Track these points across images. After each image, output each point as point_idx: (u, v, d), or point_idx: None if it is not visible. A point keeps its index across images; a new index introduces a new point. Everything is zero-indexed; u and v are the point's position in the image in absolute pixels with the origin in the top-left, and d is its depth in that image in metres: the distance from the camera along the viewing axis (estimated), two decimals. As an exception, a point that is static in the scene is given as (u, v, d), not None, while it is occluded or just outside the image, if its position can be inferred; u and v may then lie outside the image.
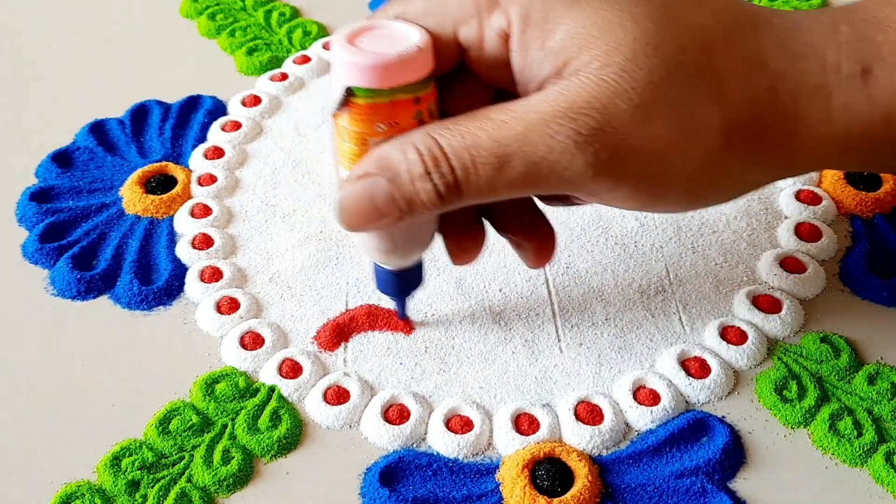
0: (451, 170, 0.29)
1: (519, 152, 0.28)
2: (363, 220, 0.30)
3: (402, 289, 0.37)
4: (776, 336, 0.39)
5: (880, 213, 0.43)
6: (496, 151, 0.28)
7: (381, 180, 0.29)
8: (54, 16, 0.58)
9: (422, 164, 0.29)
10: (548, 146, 0.28)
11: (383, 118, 0.30)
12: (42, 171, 0.46)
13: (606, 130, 0.28)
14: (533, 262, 0.35)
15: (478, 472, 0.34)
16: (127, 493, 0.33)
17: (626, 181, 0.29)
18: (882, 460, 0.34)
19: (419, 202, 0.29)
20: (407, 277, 0.36)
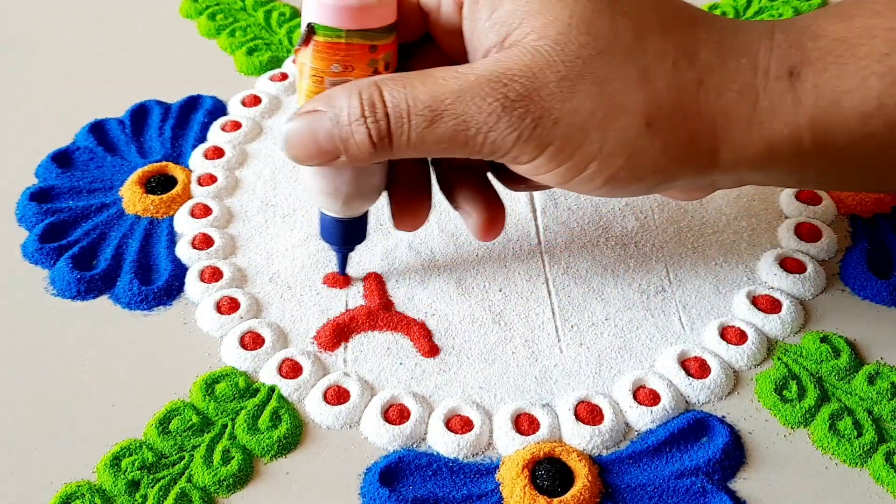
0: (386, 117, 0.31)
1: (451, 109, 0.30)
2: (304, 153, 0.32)
3: (343, 239, 0.38)
4: (776, 336, 0.39)
5: (880, 213, 0.43)
6: (431, 105, 0.30)
7: (325, 118, 0.32)
8: (54, 16, 0.58)
9: (360, 107, 0.31)
10: (478, 106, 0.30)
11: (339, 59, 0.32)
12: (42, 171, 0.46)
13: (532, 98, 0.30)
14: (481, 233, 0.36)
15: (478, 472, 0.34)
16: (127, 493, 0.33)
17: (547, 150, 0.31)
18: (882, 460, 0.34)
19: (353, 145, 0.32)
20: (349, 229, 0.37)
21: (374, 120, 0.31)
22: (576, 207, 0.44)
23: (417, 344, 0.38)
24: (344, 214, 0.37)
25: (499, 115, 0.30)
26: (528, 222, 0.43)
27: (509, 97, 0.30)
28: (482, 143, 0.31)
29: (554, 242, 0.42)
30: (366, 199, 0.36)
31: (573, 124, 0.30)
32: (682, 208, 0.44)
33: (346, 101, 0.31)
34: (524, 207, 0.44)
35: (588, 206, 0.44)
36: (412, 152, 0.32)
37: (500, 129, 0.30)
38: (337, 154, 0.32)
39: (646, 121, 0.30)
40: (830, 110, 0.31)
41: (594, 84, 0.30)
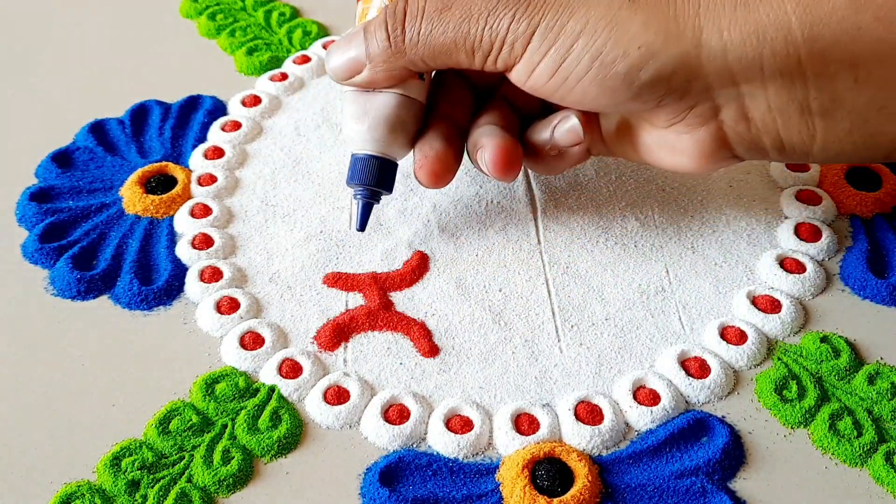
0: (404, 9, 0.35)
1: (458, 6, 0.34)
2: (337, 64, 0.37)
3: (375, 179, 0.38)
4: (776, 336, 0.39)
5: (880, 212, 0.43)
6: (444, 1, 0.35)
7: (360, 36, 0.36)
8: (54, 16, 0.58)
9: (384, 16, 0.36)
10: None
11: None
12: (42, 171, 0.46)
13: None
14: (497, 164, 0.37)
15: (478, 472, 0.34)
16: (127, 493, 0.33)
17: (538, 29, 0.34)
18: (882, 460, 0.34)
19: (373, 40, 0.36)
20: (383, 169, 0.38)
21: (393, 11, 0.35)
22: (576, 207, 0.44)
23: (417, 344, 0.38)
24: (372, 147, 0.38)
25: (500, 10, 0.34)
26: (528, 222, 0.43)
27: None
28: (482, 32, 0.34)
29: (554, 242, 0.42)
30: (399, 134, 0.38)
31: (558, 4, 0.33)
32: (683, 208, 0.44)
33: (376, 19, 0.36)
34: (524, 207, 0.44)
35: (588, 206, 0.44)
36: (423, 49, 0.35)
37: (498, 12, 0.34)
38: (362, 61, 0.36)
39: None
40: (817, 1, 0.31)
41: None
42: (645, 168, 0.46)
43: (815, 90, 0.32)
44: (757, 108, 0.33)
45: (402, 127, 0.38)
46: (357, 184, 0.39)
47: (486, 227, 0.43)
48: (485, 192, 0.45)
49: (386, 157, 0.38)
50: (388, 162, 0.39)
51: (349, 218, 0.43)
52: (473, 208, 0.44)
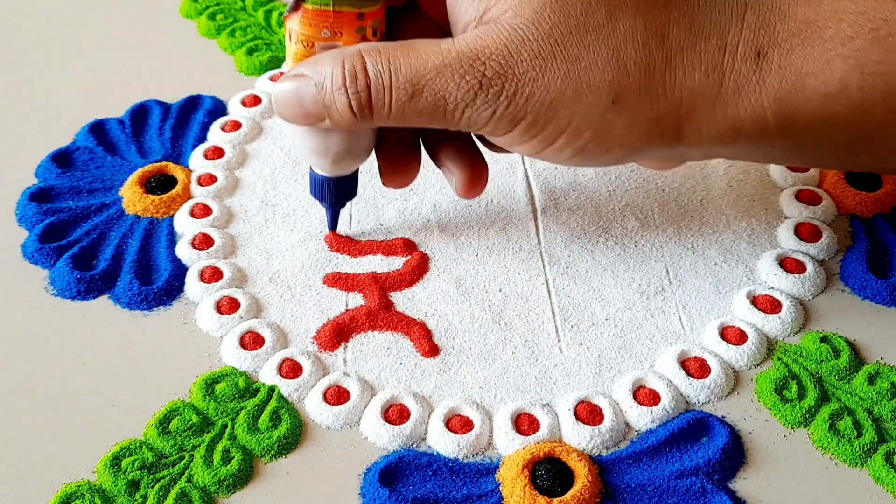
0: (367, 88, 0.32)
1: (430, 85, 0.32)
2: (292, 114, 0.34)
3: (333, 197, 0.39)
4: (776, 336, 0.39)
5: (880, 212, 0.43)
6: (412, 80, 0.32)
7: (310, 83, 0.33)
8: (54, 16, 0.58)
9: (342, 77, 0.33)
10: (456, 84, 0.32)
11: (328, 25, 0.34)
12: (42, 171, 0.46)
13: (507, 76, 0.32)
14: (464, 191, 0.38)
15: (478, 472, 0.34)
16: (127, 493, 0.33)
17: (519, 125, 0.33)
18: (882, 460, 0.34)
19: (335, 112, 0.33)
20: (339, 186, 0.39)
21: (356, 90, 0.33)
22: (576, 207, 0.44)
23: (417, 344, 0.38)
24: (333, 173, 0.38)
25: (475, 93, 0.32)
26: (528, 222, 0.43)
27: (486, 75, 0.32)
28: (459, 118, 0.33)
29: (554, 242, 0.42)
30: (354, 158, 0.37)
31: (544, 101, 0.32)
32: (683, 208, 0.44)
33: (329, 68, 0.33)
34: (524, 207, 0.44)
35: (588, 206, 0.44)
36: (393, 123, 0.33)
37: (476, 105, 0.32)
38: (321, 118, 0.34)
39: (613, 98, 0.32)
40: (794, 90, 0.32)
41: (565, 62, 0.32)
42: (644, 168, 0.46)
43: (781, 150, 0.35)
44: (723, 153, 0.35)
45: (362, 152, 0.37)
46: (323, 201, 0.40)
47: (486, 227, 0.43)
48: (485, 192, 0.45)
49: (347, 176, 0.39)
50: (349, 178, 0.39)
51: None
52: (473, 208, 0.44)
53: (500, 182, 0.45)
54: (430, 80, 0.32)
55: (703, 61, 0.32)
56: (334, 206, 0.41)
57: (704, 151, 0.34)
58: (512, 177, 0.46)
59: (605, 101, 0.32)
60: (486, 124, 0.33)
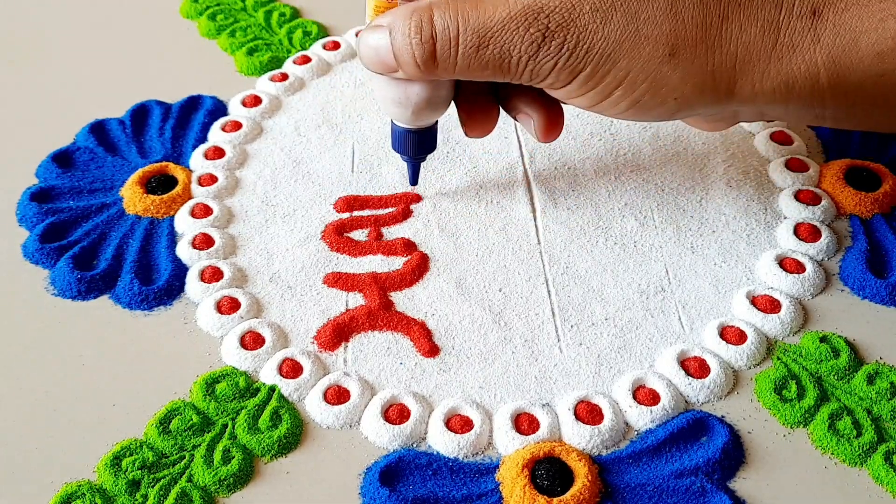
0: (432, 39, 0.34)
1: (497, 37, 0.33)
2: (370, 62, 0.36)
3: (413, 150, 0.40)
4: (775, 336, 0.39)
5: (880, 212, 0.43)
6: (479, 32, 0.33)
7: (385, 33, 0.35)
8: (54, 16, 0.58)
9: (410, 29, 0.34)
10: (521, 36, 0.33)
11: None
12: (42, 172, 0.46)
13: (569, 28, 0.33)
14: (543, 134, 0.38)
15: (478, 472, 0.34)
16: (127, 492, 0.33)
17: (578, 76, 0.34)
18: (881, 460, 0.34)
19: (403, 61, 0.35)
20: (419, 139, 0.40)
21: (420, 42, 0.34)
22: (575, 207, 0.44)
23: (417, 344, 0.38)
24: (412, 124, 0.39)
25: (539, 45, 0.33)
26: (528, 222, 0.43)
27: (549, 27, 0.33)
28: (522, 71, 0.34)
29: (554, 242, 0.42)
30: (433, 110, 0.38)
31: (602, 53, 0.33)
32: (682, 208, 0.44)
33: (401, 21, 0.34)
34: (524, 207, 0.44)
35: (588, 206, 0.44)
36: (459, 74, 0.35)
37: (539, 57, 0.33)
38: (395, 68, 0.35)
39: (669, 51, 0.33)
40: (848, 48, 0.33)
41: (624, 15, 0.33)
42: (644, 168, 0.46)
43: (832, 109, 0.35)
44: (775, 112, 0.36)
45: (441, 103, 0.38)
46: (404, 154, 0.41)
47: (486, 227, 0.43)
48: (485, 192, 0.45)
49: (427, 128, 0.40)
50: (429, 131, 0.40)
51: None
52: (473, 208, 0.44)
53: (500, 182, 0.45)
54: (497, 32, 0.33)
55: (759, 17, 0.33)
56: (415, 158, 0.41)
57: (757, 109, 0.35)
58: (512, 177, 0.46)
59: (662, 53, 0.33)
60: (548, 76, 0.34)
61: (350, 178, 0.46)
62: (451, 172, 0.46)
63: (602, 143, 0.47)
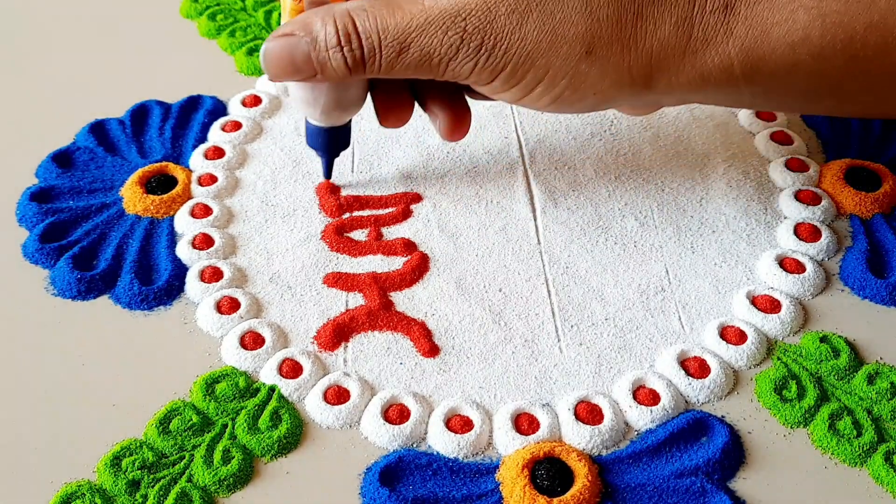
0: (360, 47, 0.35)
1: (416, 42, 0.34)
2: (282, 71, 0.36)
3: (328, 146, 0.41)
4: (776, 336, 0.39)
5: (880, 212, 0.43)
6: (399, 38, 0.34)
7: (302, 41, 0.35)
8: (54, 16, 0.58)
9: (336, 36, 0.35)
10: (440, 40, 0.34)
11: None
12: (42, 171, 0.46)
13: (486, 30, 0.34)
14: (447, 134, 0.40)
15: (478, 472, 0.34)
16: (127, 492, 0.33)
17: (500, 75, 0.35)
18: (881, 460, 0.34)
19: (329, 68, 0.35)
20: (334, 136, 0.41)
21: (350, 49, 0.35)
22: (575, 207, 0.44)
23: (417, 344, 0.38)
24: (324, 123, 0.40)
25: (458, 48, 0.34)
26: (528, 222, 0.43)
27: (467, 30, 0.34)
28: (444, 71, 0.35)
29: (554, 242, 0.42)
30: (345, 110, 0.39)
31: (521, 53, 0.34)
32: (682, 208, 0.44)
33: (322, 27, 0.35)
34: (524, 207, 0.44)
35: (588, 206, 0.44)
36: (384, 76, 0.36)
37: (459, 59, 0.34)
38: (313, 74, 0.36)
39: (586, 49, 0.34)
40: (760, 40, 0.34)
41: (540, 16, 0.34)
42: (644, 168, 0.46)
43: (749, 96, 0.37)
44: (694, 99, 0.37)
45: (354, 103, 0.39)
46: (318, 150, 0.42)
47: (486, 227, 0.43)
48: (485, 192, 0.45)
49: (340, 127, 0.41)
50: (343, 128, 0.41)
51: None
52: (473, 208, 0.44)
53: (500, 182, 0.45)
54: (416, 37, 0.34)
55: (672, 13, 0.34)
56: (328, 155, 0.43)
57: (676, 98, 0.37)
58: (512, 177, 0.46)
59: (579, 52, 0.34)
60: (470, 75, 0.35)
61: (350, 178, 0.46)
62: (451, 172, 0.46)
63: (602, 143, 0.47)
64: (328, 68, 0.35)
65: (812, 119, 0.49)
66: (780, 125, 0.48)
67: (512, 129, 0.48)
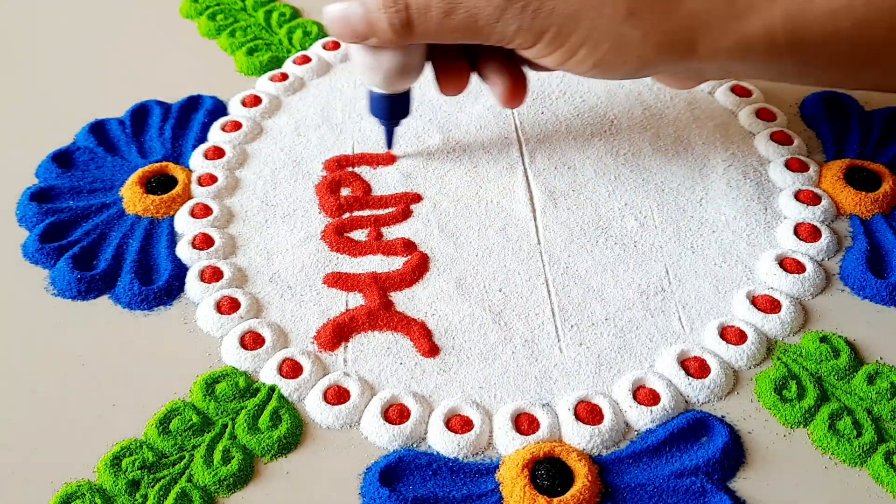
0: (406, 7, 0.36)
1: (463, 3, 0.35)
2: (341, 32, 0.37)
3: (389, 113, 0.43)
4: (775, 336, 0.39)
5: (880, 213, 0.43)
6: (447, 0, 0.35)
7: (356, 3, 0.37)
8: (54, 16, 0.58)
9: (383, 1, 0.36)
10: (486, 1, 0.35)
11: None
12: (42, 171, 0.46)
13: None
14: (505, 100, 0.41)
15: (478, 472, 0.34)
16: (127, 492, 0.33)
17: (544, 37, 0.35)
18: (881, 460, 0.34)
19: (379, 30, 0.37)
20: (393, 104, 0.42)
21: (396, 10, 0.36)
22: (575, 207, 0.44)
23: (417, 344, 0.38)
24: (386, 90, 0.41)
25: (503, 9, 0.35)
26: (528, 222, 0.43)
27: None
28: (490, 33, 0.36)
29: (554, 242, 0.42)
30: (406, 76, 0.40)
31: (565, 14, 0.35)
32: (682, 208, 0.44)
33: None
34: (524, 207, 0.44)
35: (588, 206, 0.44)
36: (432, 39, 0.37)
37: (505, 20, 0.35)
38: (367, 36, 0.37)
39: (629, 11, 0.34)
40: (802, 7, 0.34)
41: None
42: (644, 168, 0.46)
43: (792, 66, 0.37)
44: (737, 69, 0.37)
45: (413, 70, 0.40)
46: (380, 118, 0.43)
47: (486, 227, 0.43)
48: (485, 192, 0.45)
49: (401, 94, 0.42)
50: (403, 97, 0.42)
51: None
52: (473, 208, 0.44)
53: (500, 182, 0.45)
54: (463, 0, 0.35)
55: None
56: (390, 122, 0.44)
57: (719, 66, 0.36)
58: (512, 177, 0.46)
59: (622, 14, 0.34)
60: (515, 37, 0.36)
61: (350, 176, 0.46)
62: (451, 172, 0.46)
63: (602, 143, 0.47)
64: (378, 29, 0.36)
65: (812, 119, 0.49)
66: (780, 125, 0.48)
67: (512, 129, 0.48)
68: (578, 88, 0.50)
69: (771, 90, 0.50)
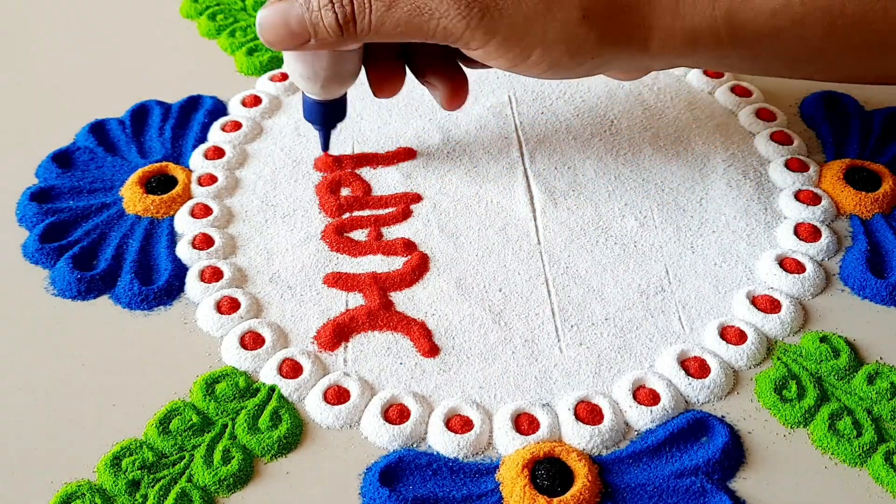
0: (351, 3, 0.35)
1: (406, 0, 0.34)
2: (277, 37, 0.36)
3: (324, 119, 0.43)
4: (776, 336, 0.39)
5: (880, 212, 0.43)
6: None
7: (296, 4, 0.36)
8: (55, 16, 0.58)
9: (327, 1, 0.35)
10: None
11: None
12: (42, 171, 0.46)
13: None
14: (446, 103, 0.41)
15: (478, 472, 0.34)
16: (127, 492, 0.33)
17: (495, 37, 0.35)
18: (881, 460, 0.34)
19: (321, 28, 0.35)
20: (329, 109, 0.42)
21: (340, 5, 0.35)
22: (575, 207, 0.44)
23: (417, 344, 0.38)
24: (322, 96, 0.41)
25: (449, 3, 0.34)
26: (528, 222, 0.43)
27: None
28: (435, 29, 0.35)
29: (554, 242, 0.42)
30: (342, 82, 0.40)
31: (518, 15, 0.34)
32: (682, 208, 0.44)
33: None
34: (524, 207, 0.44)
35: (588, 205, 0.44)
36: (374, 37, 0.35)
37: (451, 16, 0.34)
38: (307, 38, 0.36)
39: (583, 13, 0.35)
40: (743, 6, 0.35)
41: None
42: (644, 168, 0.46)
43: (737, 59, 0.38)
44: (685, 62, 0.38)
45: (350, 75, 0.40)
46: (315, 123, 0.43)
47: (486, 227, 0.43)
48: (485, 192, 0.45)
49: (337, 98, 0.42)
50: (339, 101, 0.42)
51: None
52: (473, 208, 0.44)
53: (500, 182, 0.45)
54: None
55: None
56: (325, 127, 0.44)
57: (667, 61, 0.37)
58: (512, 177, 0.46)
59: (577, 16, 0.35)
60: (462, 35, 0.35)
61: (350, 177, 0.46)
62: (451, 172, 0.46)
63: (602, 143, 0.47)
64: (320, 28, 0.35)
65: (812, 119, 0.49)
66: (780, 125, 0.48)
67: (512, 129, 0.48)
68: (578, 88, 0.50)
69: (771, 90, 0.50)
